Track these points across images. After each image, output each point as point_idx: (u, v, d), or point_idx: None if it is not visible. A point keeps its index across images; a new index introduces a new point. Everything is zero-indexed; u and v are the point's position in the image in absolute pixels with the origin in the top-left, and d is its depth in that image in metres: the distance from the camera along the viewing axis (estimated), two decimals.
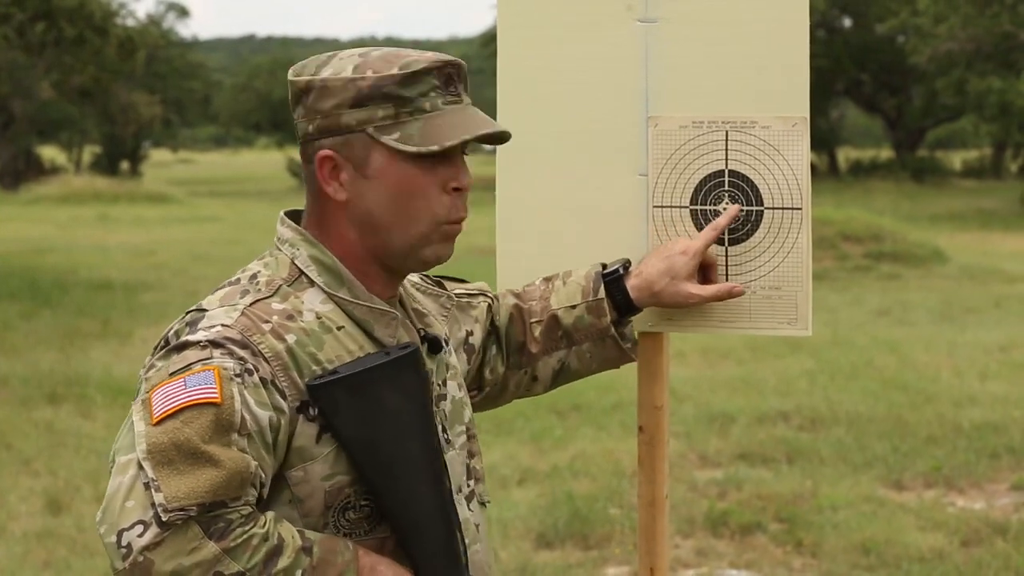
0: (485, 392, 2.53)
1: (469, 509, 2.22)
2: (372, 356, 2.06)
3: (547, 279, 2.61)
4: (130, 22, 37.48)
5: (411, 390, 2.06)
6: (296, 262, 2.11)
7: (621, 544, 6.41)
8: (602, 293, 2.53)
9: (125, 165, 54.25)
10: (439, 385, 2.21)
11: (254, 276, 2.11)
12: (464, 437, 2.26)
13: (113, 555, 1.86)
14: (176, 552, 1.85)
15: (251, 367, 1.96)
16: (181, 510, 1.85)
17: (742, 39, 2.67)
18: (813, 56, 2.77)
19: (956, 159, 48.19)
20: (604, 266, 2.58)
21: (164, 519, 1.84)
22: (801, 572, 6.12)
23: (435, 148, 2.05)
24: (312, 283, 2.09)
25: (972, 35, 32.28)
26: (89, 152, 55.80)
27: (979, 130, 36.51)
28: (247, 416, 1.93)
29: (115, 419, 8.95)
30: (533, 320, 2.55)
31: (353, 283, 2.10)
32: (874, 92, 46.50)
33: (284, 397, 1.99)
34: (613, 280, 2.55)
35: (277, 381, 1.98)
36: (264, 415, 1.95)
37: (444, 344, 2.26)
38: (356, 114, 2.07)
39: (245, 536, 1.89)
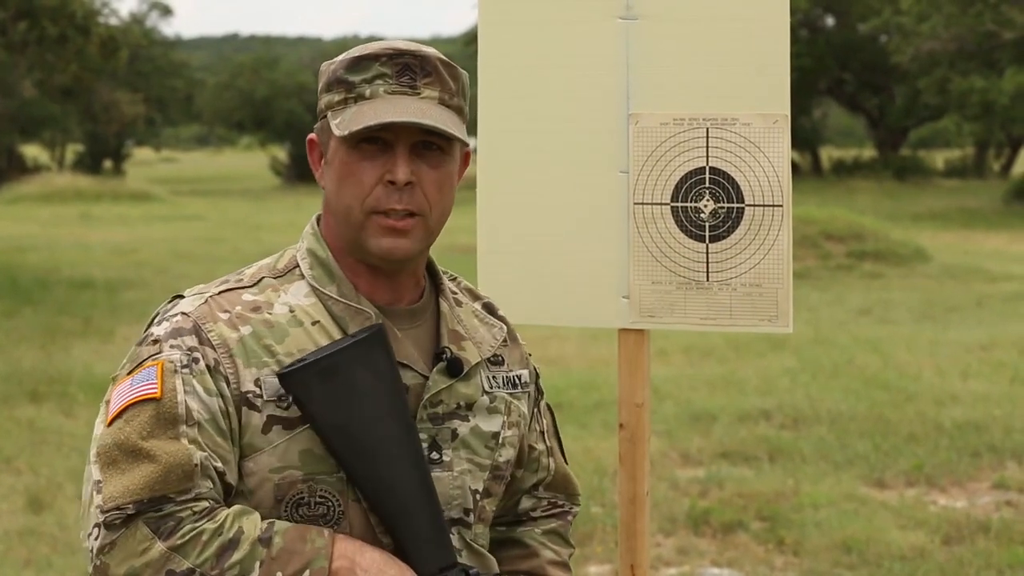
0: None
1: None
2: (338, 341, 2.04)
3: None
4: (113, 21, 37.34)
5: (381, 369, 2.03)
6: (297, 255, 2.12)
7: (603, 542, 6.40)
8: None
9: (108, 164, 54.07)
10: (458, 406, 2.10)
11: (248, 267, 2.13)
12: (469, 463, 2.12)
13: (85, 560, 1.90)
14: (128, 555, 1.86)
15: (198, 355, 1.97)
16: (117, 509, 1.86)
17: (723, 37, 2.67)
18: (796, 55, 2.78)
19: (938, 158, 48.20)
20: None
21: (102, 520, 1.86)
22: (783, 570, 6.13)
23: (345, 133, 2.01)
24: (303, 276, 2.09)
25: (955, 34, 32.32)
26: (72, 151, 55.59)
27: (961, 129, 36.55)
28: (194, 406, 1.93)
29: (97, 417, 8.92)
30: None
31: (343, 281, 2.08)
32: (857, 91, 46.54)
33: (228, 384, 1.98)
34: None
35: (221, 368, 1.98)
36: (213, 401, 1.95)
37: (465, 369, 2.12)
38: (324, 98, 2.09)
39: (194, 532, 1.88)
